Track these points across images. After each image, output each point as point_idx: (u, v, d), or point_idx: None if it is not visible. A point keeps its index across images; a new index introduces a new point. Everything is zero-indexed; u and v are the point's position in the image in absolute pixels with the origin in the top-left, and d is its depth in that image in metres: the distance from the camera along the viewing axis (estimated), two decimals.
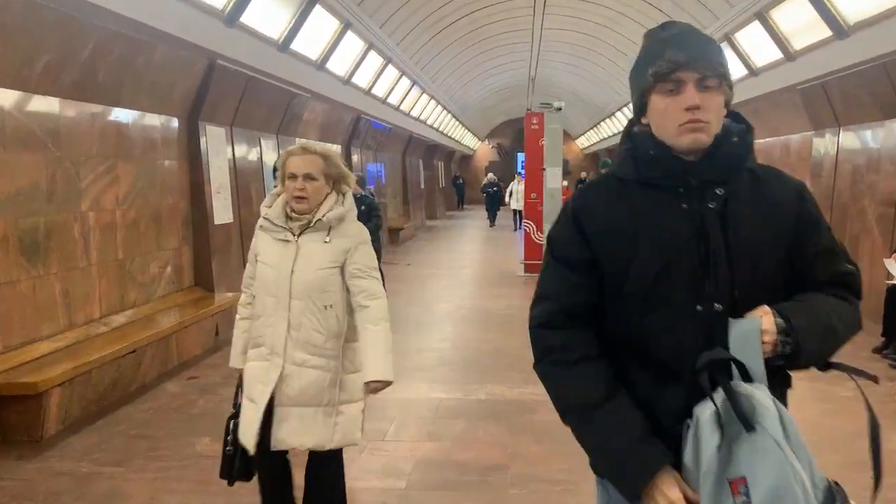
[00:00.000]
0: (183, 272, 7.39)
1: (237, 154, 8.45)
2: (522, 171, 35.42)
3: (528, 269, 12.03)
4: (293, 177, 2.74)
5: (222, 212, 7.91)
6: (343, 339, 2.88)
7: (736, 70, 10.41)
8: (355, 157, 14.16)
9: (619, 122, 24.46)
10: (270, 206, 2.86)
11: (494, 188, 24.53)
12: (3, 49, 4.43)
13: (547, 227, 12.43)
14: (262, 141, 9.27)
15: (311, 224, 2.76)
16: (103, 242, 5.82)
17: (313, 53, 9.56)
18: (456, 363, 6.47)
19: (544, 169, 11.85)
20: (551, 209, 11.90)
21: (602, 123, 27.40)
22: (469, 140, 33.16)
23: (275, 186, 2.96)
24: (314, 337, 2.76)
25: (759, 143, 9.94)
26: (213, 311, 7.08)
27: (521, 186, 19.59)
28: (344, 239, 2.81)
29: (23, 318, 4.90)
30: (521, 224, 19.59)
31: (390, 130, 16.52)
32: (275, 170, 6.17)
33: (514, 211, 20.70)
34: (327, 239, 2.78)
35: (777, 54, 9.51)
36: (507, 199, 20.93)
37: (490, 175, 26.01)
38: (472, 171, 36.78)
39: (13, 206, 4.74)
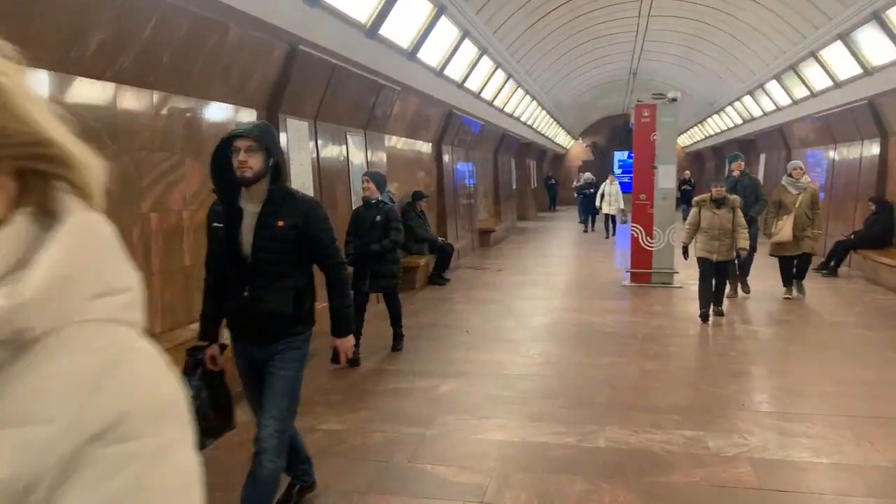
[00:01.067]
0: None
1: (321, 151, 7.77)
2: (619, 171, 34.36)
3: (634, 278, 10.86)
4: None
5: None
6: None
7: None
8: (446, 158, 13.36)
9: (728, 117, 22.67)
10: None
11: (591, 189, 22.22)
12: (46, 24, 3.79)
13: (658, 232, 11.30)
14: (349, 137, 8.56)
15: None
16: (167, 248, 5.17)
17: (404, 41, 8.78)
18: (563, 396, 5.48)
19: (655, 167, 10.64)
20: (663, 211, 10.70)
21: (709, 119, 25.57)
22: (562, 139, 31.89)
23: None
24: None
25: None
26: None
27: (615, 187, 18.44)
28: None
29: None
30: (614, 230, 18.37)
31: (482, 128, 15.62)
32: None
33: (607, 216, 18.82)
34: None
35: None
36: (598, 202, 18.97)
37: (587, 174, 23.86)
38: (564, 170, 35.44)
39: None
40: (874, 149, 11.66)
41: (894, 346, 6.71)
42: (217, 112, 5.90)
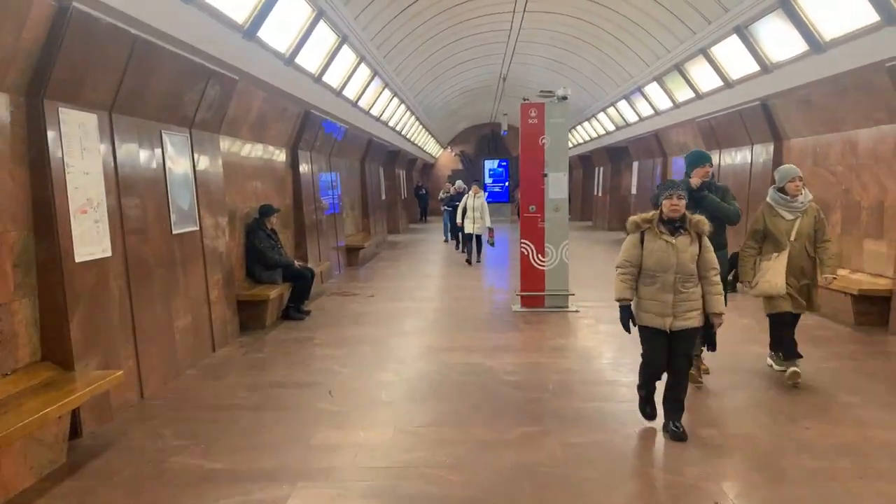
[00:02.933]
0: (17, 341, 4.58)
1: (122, 154, 5.68)
2: (490, 180, 33.47)
3: (525, 302, 9.43)
4: None
5: (91, 242, 5.12)
6: None
7: None
8: (304, 166, 11.41)
9: (599, 124, 22.15)
10: None
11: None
12: None
13: (550, 249, 9.88)
14: (167, 137, 6.50)
15: None
16: None
17: (239, 14, 6.83)
18: None
19: (546, 174, 9.30)
20: (555, 225, 9.36)
21: (578, 127, 25.10)
22: (432, 147, 30.60)
23: None
24: None
25: None
26: (69, 402, 4.27)
27: (480, 201, 14.18)
28: None
29: None
30: (478, 255, 14.58)
31: (347, 132, 13.79)
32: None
33: (470, 235, 14.41)
34: None
35: None
36: (459, 218, 14.74)
37: (458, 182, 19.73)
38: (434, 180, 34.19)
39: None
40: (766, 153, 10.96)
41: None
42: None
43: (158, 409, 5.46)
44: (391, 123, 17.97)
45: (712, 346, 5.72)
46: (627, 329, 4.69)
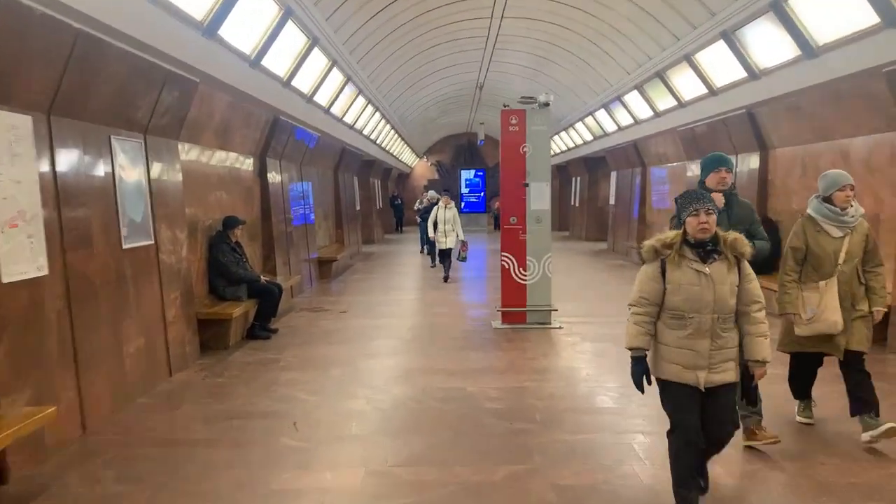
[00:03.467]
0: None
1: (62, 161, 5.11)
2: (467, 190, 32.97)
3: (506, 318, 8.96)
4: None
5: (22, 259, 4.54)
6: None
7: None
8: (273, 175, 10.86)
9: (577, 133, 21.84)
10: None
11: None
12: None
13: (532, 262, 9.44)
14: (117, 143, 5.93)
15: None
16: None
17: (197, 10, 6.30)
18: None
19: (527, 184, 8.85)
20: (537, 237, 8.91)
21: (555, 137, 24.79)
22: (407, 156, 30.12)
23: None
24: None
25: None
26: None
27: (452, 213, 13.33)
28: None
29: None
30: (446, 272, 13.38)
31: (319, 140, 13.26)
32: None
33: (441, 251, 13.53)
34: None
35: None
36: (430, 231, 13.72)
37: (431, 193, 18.09)
38: (410, 190, 33.70)
39: None
40: (752, 163, 10.64)
41: None
42: None
43: (102, 445, 4.88)
44: (366, 132, 17.45)
45: (752, 401, 4.44)
46: (641, 388, 3.55)
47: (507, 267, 8.99)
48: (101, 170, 5.68)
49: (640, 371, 3.52)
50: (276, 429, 5.14)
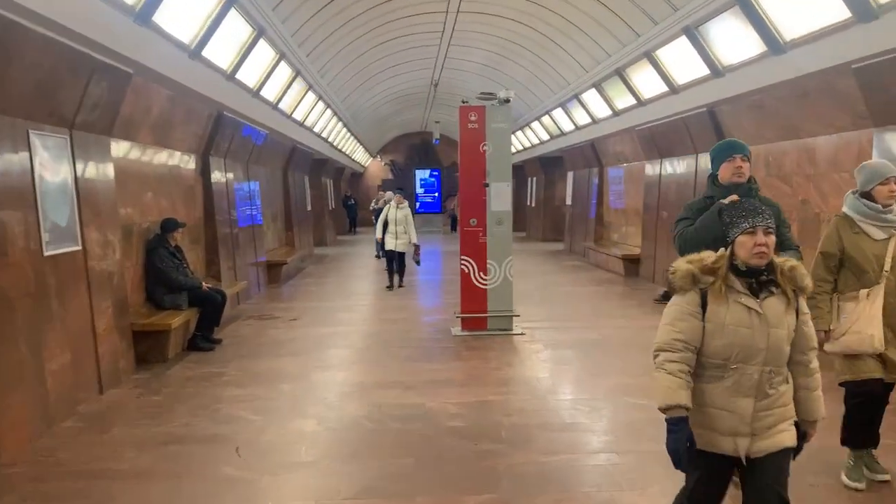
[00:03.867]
0: None
1: None
2: (422, 190, 32.46)
3: (466, 325, 8.56)
4: None
5: None
6: None
7: None
8: (217, 174, 10.25)
9: (534, 133, 21.61)
10: None
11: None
12: None
13: (493, 266, 9.05)
14: (37, 139, 5.33)
15: None
16: None
17: None
18: None
19: (487, 184, 8.47)
20: (498, 240, 8.54)
21: (512, 136, 24.52)
22: (361, 155, 29.51)
23: None
24: None
25: None
26: None
27: (404, 213, 12.40)
28: None
29: None
30: (400, 279, 12.59)
31: (267, 138, 12.66)
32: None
33: (392, 253, 12.43)
34: None
35: None
36: (379, 233, 12.74)
37: (389, 194, 16.74)
38: (364, 190, 33.10)
39: None
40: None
41: None
42: None
43: (15, 480, 4.30)
44: (317, 129, 16.86)
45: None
46: (680, 464, 2.57)
47: (466, 271, 8.58)
48: (17, 168, 5.08)
49: (683, 438, 2.52)
50: (217, 455, 4.63)
